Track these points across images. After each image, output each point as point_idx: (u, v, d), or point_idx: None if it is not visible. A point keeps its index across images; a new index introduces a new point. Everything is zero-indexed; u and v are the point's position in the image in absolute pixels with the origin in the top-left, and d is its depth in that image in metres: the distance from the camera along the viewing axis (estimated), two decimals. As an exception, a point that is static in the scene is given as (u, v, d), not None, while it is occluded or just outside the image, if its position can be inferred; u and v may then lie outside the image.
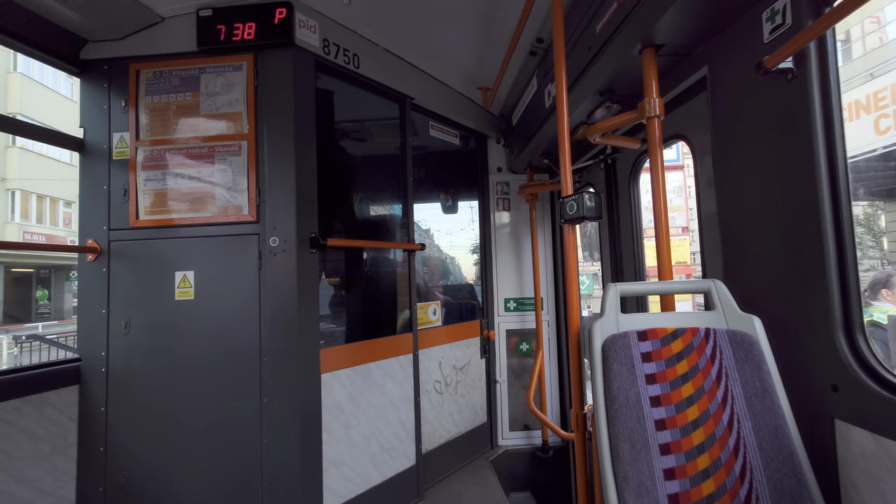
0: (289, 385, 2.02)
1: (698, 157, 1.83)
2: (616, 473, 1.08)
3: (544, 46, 2.47)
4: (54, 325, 17.41)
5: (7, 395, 1.83)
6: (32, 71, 16.95)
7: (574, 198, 1.62)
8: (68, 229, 19.26)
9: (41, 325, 17.13)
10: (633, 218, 2.44)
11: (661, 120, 1.55)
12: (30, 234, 17.34)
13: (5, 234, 16.38)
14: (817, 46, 1.13)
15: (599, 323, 1.28)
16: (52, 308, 19.91)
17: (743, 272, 1.40)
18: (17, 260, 18.11)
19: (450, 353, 3.03)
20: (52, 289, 20.18)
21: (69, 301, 20.77)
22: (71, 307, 20.72)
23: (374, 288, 2.72)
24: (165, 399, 2.07)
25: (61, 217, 19.11)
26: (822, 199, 1.11)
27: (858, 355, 1.06)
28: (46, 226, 18.33)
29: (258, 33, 2.09)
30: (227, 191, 2.12)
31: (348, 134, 2.67)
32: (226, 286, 2.09)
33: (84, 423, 2.08)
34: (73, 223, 19.43)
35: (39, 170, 17.55)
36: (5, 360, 11.65)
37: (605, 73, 1.75)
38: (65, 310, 20.39)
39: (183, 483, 2.04)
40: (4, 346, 11.80)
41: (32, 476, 1.89)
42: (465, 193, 3.54)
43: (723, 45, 1.44)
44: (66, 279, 20.74)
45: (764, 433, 1.07)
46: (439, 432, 2.90)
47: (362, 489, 2.30)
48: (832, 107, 1.11)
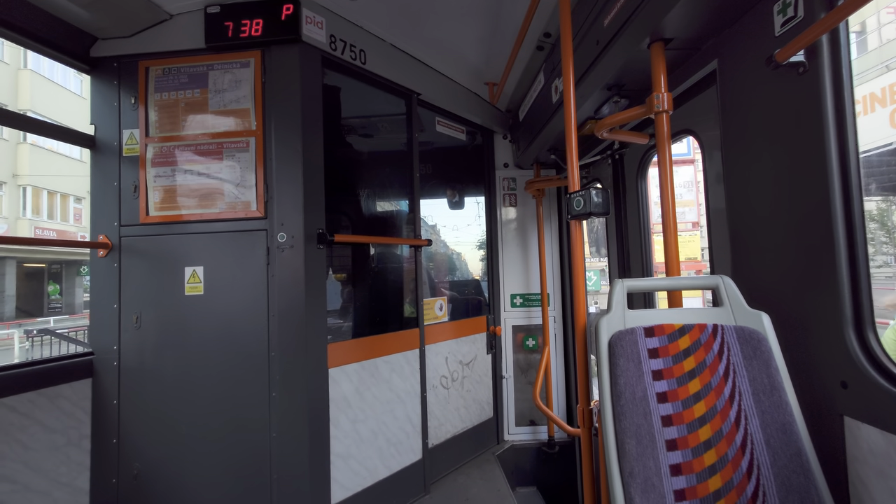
0: (297, 379, 2.05)
1: (707, 153, 1.82)
2: (622, 469, 1.08)
3: (552, 41, 2.45)
4: (65, 320, 17.62)
5: (22, 387, 1.87)
6: (42, 68, 17.10)
7: (581, 193, 1.61)
8: (78, 225, 19.45)
9: (53, 319, 17.37)
10: (641, 214, 2.42)
11: (669, 115, 1.53)
12: (41, 230, 17.48)
13: (17, 230, 16.62)
14: (830, 39, 1.11)
15: (606, 319, 1.28)
16: (64, 303, 20.14)
17: (752, 268, 1.39)
18: (30, 255, 18.36)
19: (456, 348, 3.04)
20: (63, 284, 20.40)
21: (80, 296, 21.00)
22: (82, 302, 20.93)
23: (381, 283, 2.73)
24: (176, 392, 2.10)
25: (71, 213, 19.33)
26: (833, 195, 1.09)
27: (869, 352, 1.05)
28: (57, 221, 18.55)
29: (265, 30, 2.09)
30: (236, 187, 2.14)
31: (355, 130, 2.68)
32: (234, 282, 2.11)
33: (97, 415, 2.12)
34: (84, 219, 19.62)
35: (50, 166, 17.73)
36: (17, 354, 11.88)
37: (612, 68, 1.74)
38: (76, 304, 20.64)
39: (193, 474, 2.07)
40: (17, 341, 12.03)
41: (48, 467, 1.93)
42: (472, 189, 3.53)
43: (733, 39, 1.42)
44: (77, 274, 20.96)
45: (771, 430, 1.07)
46: (445, 427, 2.92)
47: (369, 482, 2.32)
48: (844, 101, 1.10)
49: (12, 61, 16.63)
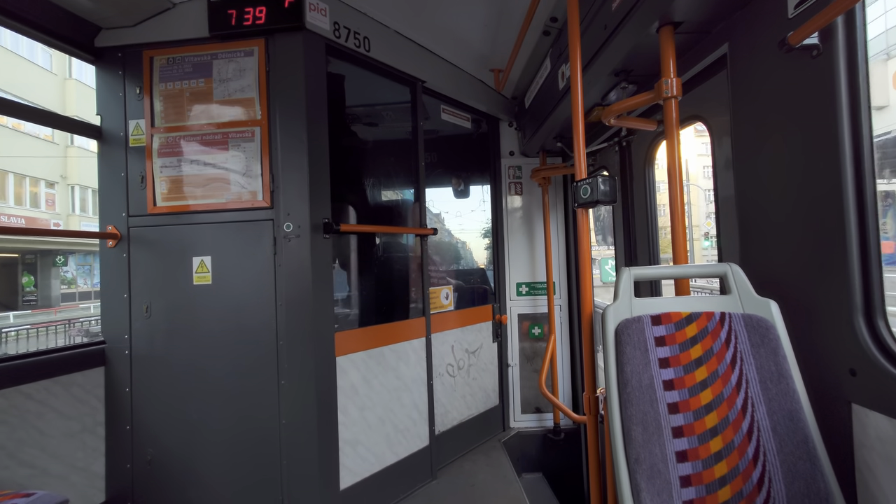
0: (305, 368, 2.07)
1: (716, 139, 1.79)
2: (628, 455, 1.09)
3: (558, 26, 2.41)
4: (28, 315, 16.24)
5: (36, 375, 1.91)
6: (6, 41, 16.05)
7: (588, 181, 1.60)
8: (52, 212, 18.31)
9: (12, 315, 16.28)
10: (648, 201, 2.40)
11: (678, 101, 1.51)
12: (6, 217, 16.18)
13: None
14: (845, 21, 1.08)
15: (613, 307, 1.28)
16: (40, 295, 19.13)
17: (760, 256, 1.37)
18: (2, 244, 17.25)
19: (462, 337, 3.06)
20: (38, 275, 19.29)
21: (57, 288, 20.05)
22: (59, 294, 19.98)
23: (387, 272, 2.74)
24: (187, 381, 2.13)
25: (43, 199, 18.14)
26: (846, 181, 1.08)
27: (878, 339, 1.05)
28: (27, 208, 17.37)
29: (269, 17, 2.08)
30: (242, 177, 2.14)
31: (360, 118, 2.66)
32: (242, 271, 2.12)
33: (110, 402, 2.16)
34: (57, 205, 18.53)
35: (14, 146, 16.38)
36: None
37: (620, 53, 1.71)
38: (52, 297, 19.55)
39: (206, 460, 2.12)
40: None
41: (64, 452, 1.98)
42: (477, 178, 3.51)
43: (744, 22, 1.39)
44: (54, 265, 19.94)
45: (778, 417, 1.07)
46: (452, 414, 2.95)
47: (377, 468, 2.36)
48: (859, 84, 1.07)
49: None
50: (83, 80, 17.98)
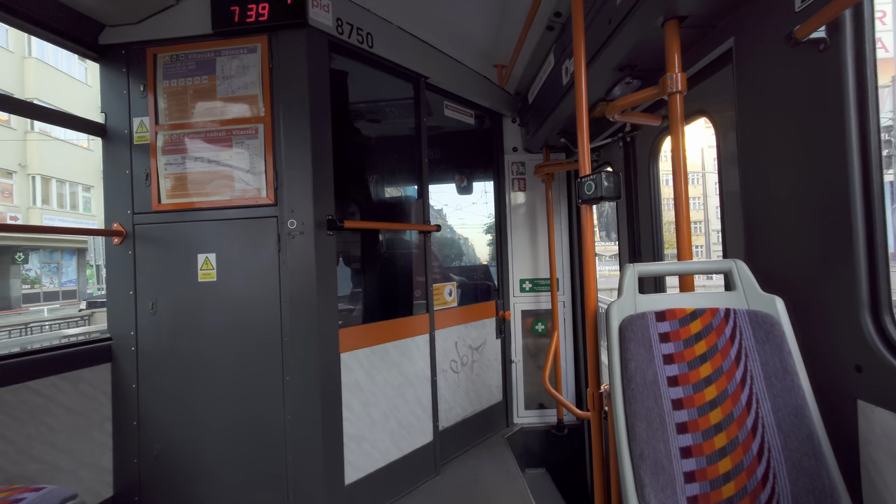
0: (309, 364, 2.08)
1: (721, 134, 1.78)
2: (632, 451, 1.09)
3: (562, 21, 2.39)
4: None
5: (44, 371, 1.93)
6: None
7: (592, 177, 1.59)
8: (8, 203, 16.64)
9: None
10: (653, 197, 2.39)
11: (683, 96, 1.50)
12: None
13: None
14: (853, 14, 1.07)
15: (617, 303, 1.28)
16: None
17: (766, 252, 1.37)
18: None
19: (465, 333, 3.07)
20: None
21: (17, 288, 18.09)
22: (20, 295, 18.04)
23: (391, 269, 2.75)
24: (193, 377, 2.15)
25: None
26: (853, 176, 1.07)
27: (885, 336, 1.04)
28: None
29: (271, 13, 2.07)
30: (246, 174, 2.15)
31: (363, 115, 2.66)
32: (247, 268, 2.13)
33: (117, 398, 2.18)
34: (15, 197, 16.83)
35: None
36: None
37: (625, 48, 1.70)
38: (12, 298, 17.55)
39: (211, 455, 2.14)
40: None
41: (72, 447, 2.01)
42: (481, 174, 3.50)
43: (750, 15, 1.38)
44: (13, 262, 17.85)
45: (783, 413, 1.07)
46: (456, 410, 2.96)
47: (382, 464, 2.38)
48: (867, 79, 1.06)
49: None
50: (44, 59, 16.51)
